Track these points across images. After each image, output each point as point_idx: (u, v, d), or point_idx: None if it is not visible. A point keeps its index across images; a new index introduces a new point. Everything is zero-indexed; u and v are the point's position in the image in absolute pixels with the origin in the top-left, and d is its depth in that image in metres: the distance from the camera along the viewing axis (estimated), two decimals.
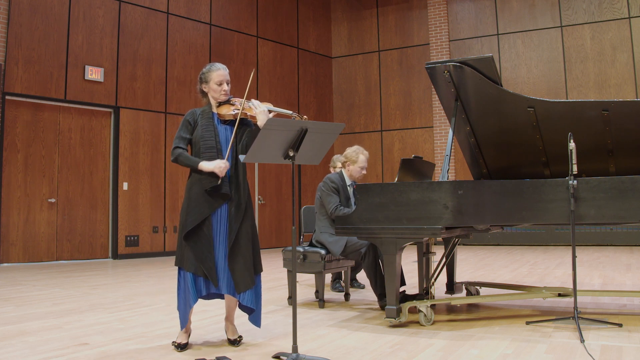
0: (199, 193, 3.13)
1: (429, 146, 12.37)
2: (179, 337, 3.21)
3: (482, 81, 3.82)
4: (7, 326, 3.84)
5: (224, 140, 3.22)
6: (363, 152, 4.75)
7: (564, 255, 8.72)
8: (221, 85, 3.26)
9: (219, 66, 3.30)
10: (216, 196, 3.13)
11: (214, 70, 3.27)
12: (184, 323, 3.15)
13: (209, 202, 3.12)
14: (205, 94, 3.34)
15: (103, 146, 9.49)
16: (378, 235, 3.73)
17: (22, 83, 8.46)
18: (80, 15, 9.18)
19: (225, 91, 3.27)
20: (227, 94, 3.28)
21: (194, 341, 3.35)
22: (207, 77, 3.29)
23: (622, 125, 3.71)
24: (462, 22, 12.28)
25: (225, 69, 3.31)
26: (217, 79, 3.25)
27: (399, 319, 3.64)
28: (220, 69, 3.28)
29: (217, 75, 3.26)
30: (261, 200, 11.72)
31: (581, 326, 3.31)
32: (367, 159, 4.78)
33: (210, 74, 3.27)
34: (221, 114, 3.24)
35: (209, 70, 3.29)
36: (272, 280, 6.30)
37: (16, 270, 7.60)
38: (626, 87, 10.66)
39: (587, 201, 3.53)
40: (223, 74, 3.27)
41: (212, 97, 3.30)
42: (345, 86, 13.50)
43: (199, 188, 3.13)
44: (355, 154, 4.72)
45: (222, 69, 3.29)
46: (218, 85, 3.26)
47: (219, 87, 3.26)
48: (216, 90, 3.27)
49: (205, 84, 3.30)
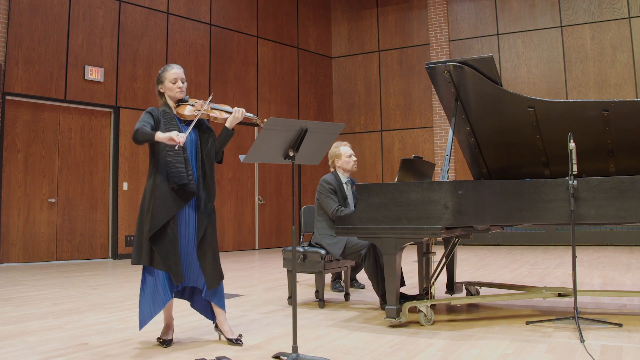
0: (166, 192, 3.13)
1: (429, 146, 12.37)
2: (163, 334, 3.29)
3: (482, 81, 3.82)
4: (7, 326, 3.84)
5: (188, 140, 3.23)
6: (342, 144, 4.82)
7: (564, 255, 8.72)
8: (176, 83, 3.28)
9: (173, 66, 3.35)
10: (182, 195, 3.14)
11: (167, 70, 3.31)
12: (144, 323, 3.15)
13: (175, 201, 3.13)
14: (162, 95, 3.35)
15: (103, 146, 9.49)
16: (378, 235, 3.73)
17: (22, 83, 8.46)
18: (80, 15, 9.18)
19: (180, 88, 3.28)
20: (182, 91, 3.29)
21: (194, 341, 3.36)
22: (161, 77, 3.31)
23: (622, 125, 3.71)
24: (462, 22, 12.28)
25: (179, 67, 3.35)
26: (171, 77, 3.28)
27: (399, 319, 3.64)
28: (174, 68, 3.32)
29: (170, 74, 3.28)
30: (261, 200, 11.71)
31: (581, 326, 3.31)
32: (350, 147, 4.83)
33: (164, 73, 3.31)
34: (181, 113, 3.26)
35: (163, 70, 3.33)
36: (272, 280, 6.30)
37: (16, 270, 7.60)
38: (626, 87, 10.66)
39: (587, 201, 3.53)
40: (177, 72, 3.30)
41: (169, 96, 3.30)
42: (345, 86, 13.50)
43: (165, 187, 3.13)
44: (336, 148, 4.79)
45: (176, 68, 3.33)
46: (173, 83, 3.27)
47: (174, 84, 3.27)
48: (172, 88, 3.27)
49: (160, 84, 3.32)
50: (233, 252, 10.77)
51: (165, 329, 3.32)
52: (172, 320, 3.35)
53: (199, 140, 3.29)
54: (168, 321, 3.33)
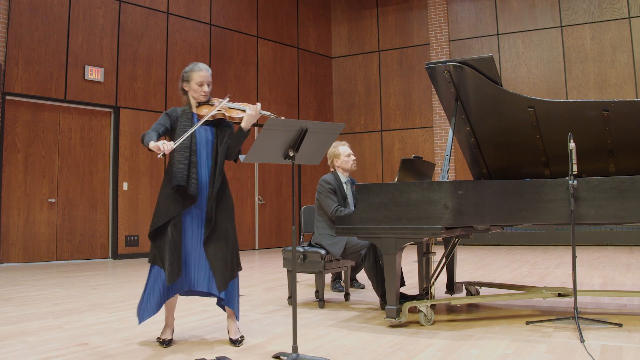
0: (169, 193, 3.14)
1: (429, 146, 12.37)
2: (163, 333, 3.28)
3: (482, 81, 3.82)
4: (7, 326, 3.84)
5: (203, 140, 3.23)
6: (340, 143, 4.82)
7: (564, 255, 8.72)
8: (202, 86, 3.26)
9: (201, 67, 3.29)
10: (185, 196, 3.13)
11: (196, 71, 3.27)
12: (143, 319, 3.17)
13: (177, 202, 3.13)
14: (185, 92, 3.34)
15: (103, 146, 9.49)
16: (378, 235, 3.73)
17: (22, 83, 8.46)
18: (80, 15, 9.18)
19: (205, 92, 3.27)
20: (206, 95, 3.28)
21: (194, 341, 3.36)
22: (188, 76, 3.28)
23: (622, 125, 3.71)
24: (462, 22, 12.28)
25: (207, 70, 3.30)
26: (198, 79, 3.25)
27: (399, 319, 3.64)
28: (203, 70, 3.27)
29: (198, 75, 3.25)
30: (261, 200, 11.71)
31: (581, 326, 3.31)
32: (348, 147, 4.82)
33: (192, 73, 3.27)
34: (200, 114, 3.24)
35: (191, 69, 3.29)
36: (272, 280, 6.30)
37: (16, 270, 7.60)
38: (626, 87, 10.66)
39: (587, 201, 3.53)
40: (204, 75, 3.27)
41: (192, 96, 3.30)
42: (345, 86, 13.50)
43: (169, 188, 3.15)
44: (335, 148, 4.78)
45: (205, 70, 3.28)
46: (199, 85, 3.26)
47: (200, 87, 3.26)
48: (196, 90, 3.27)
49: (186, 82, 3.30)
50: None
51: (165, 329, 3.32)
52: (173, 321, 3.35)
53: (216, 139, 3.26)
54: (168, 321, 3.33)
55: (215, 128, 3.28)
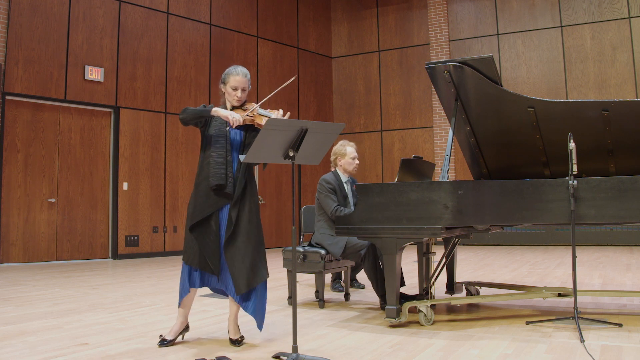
0: (206, 189, 3.20)
1: (429, 146, 12.37)
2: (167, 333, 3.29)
3: (482, 81, 3.82)
4: (7, 326, 3.84)
5: (233, 142, 3.28)
6: (349, 144, 4.80)
7: (564, 255, 8.72)
8: (235, 91, 3.31)
9: (239, 71, 3.33)
10: (221, 195, 3.19)
11: (233, 75, 3.31)
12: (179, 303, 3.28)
13: (214, 199, 3.19)
14: (222, 94, 3.41)
15: (103, 146, 9.49)
16: (378, 235, 3.73)
17: (22, 83, 8.46)
18: (80, 15, 9.18)
19: (238, 98, 3.31)
20: (239, 100, 3.32)
21: (194, 341, 3.36)
22: (226, 79, 3.34)
23: (622, 125, 3.71)
24: (462, 22, 12.28)
25: (245, 75, 3.33)
26: (233, 83, 3.30)
27: (399, 319, 3.64)
28: (239, 75, 3.31)
29: (234, 80, 3.30)
30: (261, 200, 11.72)
31: (581, 326, 3.31)
32: (355, 150, 4.81)
33: (229, 77, 3.32)
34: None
35: (229, 73, 3.34)
36: (272, 280, 6.30)
37: (16, 270, 7.60)
38: (626, 87, 10.67)
39: (587, 201, 3.53)
40: (240, 80, 3.30)
41: (227, 99, 3.37)
42: (345, 86, 13.50)
43: (206, 185, 3.20)
44: (342, 147, 4.77)
45: (241, 75, 3.31)
46: (233, 90, 3.31)
47: (234, 92, 3.31)
48: (230, 94, 3.33)
49: (223, 85, 3.37)
50: None
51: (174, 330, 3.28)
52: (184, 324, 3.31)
53: (243, 142, 3.30)
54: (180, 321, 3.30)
55: (244, 132, 3.33)
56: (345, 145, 4.77)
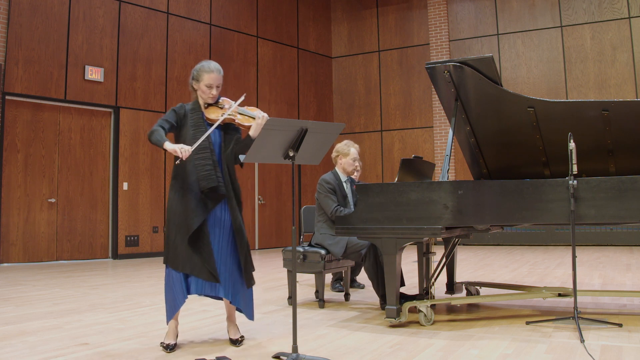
0: (196, 195, 3.10)
1: (429, 146, 12.37)
2: (166, 338, 3.19)
3: (482, 81, 3.82)
4: (7, 326, 3.84)
5: (214, 142, 3.20)
6: (354, 145, 4.78)
7: (564, 255, 8.72)
8: (210, 89, 3.20)
9: (212, 68, 3.20)
10: (212, 197, 3.12)
11: (206, 72, 3.19)
12: (170, 317, 3.16)
13: (206, 204, 3.11)
14: (194, 90, 3.29)
15: (103, 146, 9.49)
16: (378, 235, 3.73)
17: (22, 83, 8.46)
18: (80, 15, 9.18)
19: (213, 95, 3.21)
20: (214, 98, 3.23)
21: (194, 341, 3.36)
22: (199, 76, 3.22)
23: (622, 125, 3.71)
24: (462, 22, 12.28)
25: (218, 72, 3.22)
26: (207, 81, 3.19)
27: (399, 319, 3.64)
28: (213, 72, 3.19)
29: (208, 78, 3.19)
30: (261, 200, 11.71)
31: (581, 326, 3.31)
32: (358, 152, 4.80)
33: (202, 74, 3.20)
34: (209, 118, 3.19)
35: (202, 70, 3.21)
36: (272, 280, 6.30)
37: (16, 270, 7.60)
38: (626, 87, 10.67)
39: (587, 201, 3.53)
40: (214, 77, 3.19)
41: (200, 96, 3.26)
42: (345, 86, 13.50)
43: (196, 189, 3.10)
44: (346, 147, 4.75)
45: (215, 72, 3.20)
46: (207, 87, 3.20)
47: (208, 89, 3.20)
48: (205, 92, 3.21)
49: (195, 82, 3.24)
50: None
51: (169, 334, 3.21)
52: (177, 325, 3.24)
53: (223, 143, 3.22)
54: (172, 326, 3.22)
55: (222, 132, 3.23)
56: (349, 146, 4.75)
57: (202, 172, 3.09)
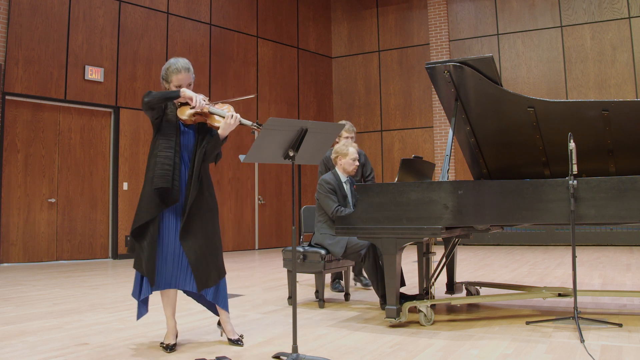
0: (150, 192, 3.05)
1: (429, 146, 12.37)
2: (166, 338, 3.19)
3: (482, 81, 3.82)
4: (7, 326, 3.84)
5: (185, 142, 3.16)
6: (352, 145, 4.77)
7: (564, 255, 8.72)
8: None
9: (180, 67, 3.13)
10: (165, 198, 3.04)
11: (175, 73, 3.13)
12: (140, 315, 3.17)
13: (157, 202, 3.04)
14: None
15: (103, 146, 9.49)
16: (378, 235, 3.73)
17: (22, 83, 8.46)
18: (80, 15, 9.18)
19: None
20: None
21: (194, 341, 3.36)
22: (168, 76, 3.16)
23: (622, 125, 3.71)
24: (462, 22, 12.28)
25: (187, 70, 3.15)
26: (176, 82, 3.14)
27: (399, 319, 3.64)
28: (181, 72, 3.12)
29: (177, 79, 3.13)
30: (261, 200, 11.71)
31: (581, 326, 3.31)
32: (356, 151, 4.80)
33: (171, 75, 3.14)
34: (181, 118, 3.12)
35: (170, 71, 3.15)
36: (272, 280, 6.30)
37: (16, 270, 7.60)
38: (626, 87, 10.67)
39: (587, 201, 3.53)
40: (184, 77, 3.13)
41: None
42: (345, 86, 13.50)
43: (150, 187, 3.05)
44: (345, 147, 4.74)
45: (183, 72, 3.13)
46: (177, 87, 3.14)
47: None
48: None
49: (166, 82, 3.19)
50: (233, 252, 10.77)
51: (168, 334, 3.21)
52: (175, 324, 3.23)
53: (196, 142, 3.17)
54: (170, 325, 3.21)
55: (196, 132, 3.20)
56: (347, 146, 4.75)
57: (159, 170, 3.03)
